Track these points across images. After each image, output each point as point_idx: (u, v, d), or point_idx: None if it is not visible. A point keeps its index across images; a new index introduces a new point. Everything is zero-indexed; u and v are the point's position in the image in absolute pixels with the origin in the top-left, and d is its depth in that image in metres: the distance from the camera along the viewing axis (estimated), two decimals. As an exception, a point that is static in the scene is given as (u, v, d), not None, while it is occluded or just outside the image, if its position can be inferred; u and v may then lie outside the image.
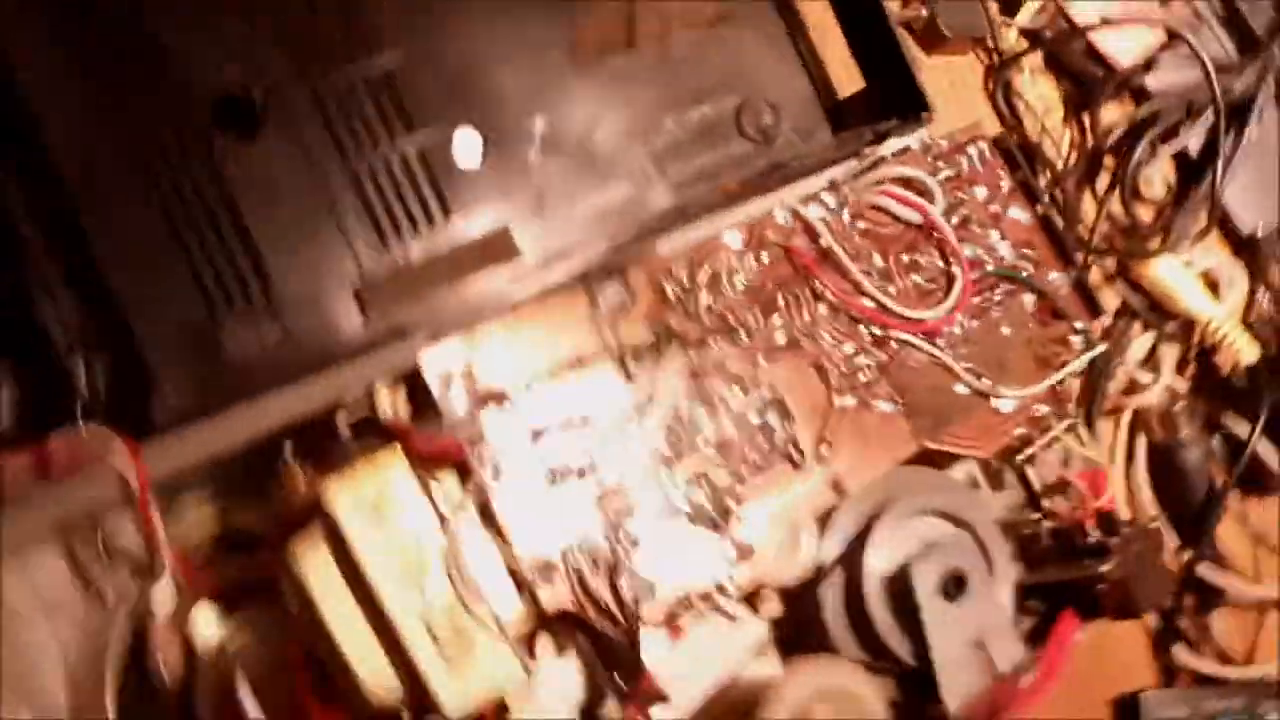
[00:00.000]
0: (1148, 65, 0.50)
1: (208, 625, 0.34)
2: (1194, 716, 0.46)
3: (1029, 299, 0.40)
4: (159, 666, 0.33)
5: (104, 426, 0.31)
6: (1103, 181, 0.52)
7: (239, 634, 0.33)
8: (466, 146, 0.37)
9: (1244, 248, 0.53)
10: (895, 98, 0.42)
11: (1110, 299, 0.50)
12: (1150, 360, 0.51)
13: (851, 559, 0.35)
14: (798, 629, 0.36)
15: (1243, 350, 0.50)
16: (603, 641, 0.31)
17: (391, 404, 0.30)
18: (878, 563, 0.35)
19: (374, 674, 0.29)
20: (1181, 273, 0.50)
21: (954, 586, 0.35)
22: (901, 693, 0.36)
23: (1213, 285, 0.52)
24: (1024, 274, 0.40)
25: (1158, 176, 0.52)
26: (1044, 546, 0.40)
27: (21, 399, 0.32)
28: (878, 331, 0.36)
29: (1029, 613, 0.41)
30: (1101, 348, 0.40)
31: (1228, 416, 0.51)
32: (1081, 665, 0.48)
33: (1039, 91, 0.51)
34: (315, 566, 0.29)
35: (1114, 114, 0.52)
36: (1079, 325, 0.40)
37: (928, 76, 0.41)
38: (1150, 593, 0.38)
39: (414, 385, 0.31)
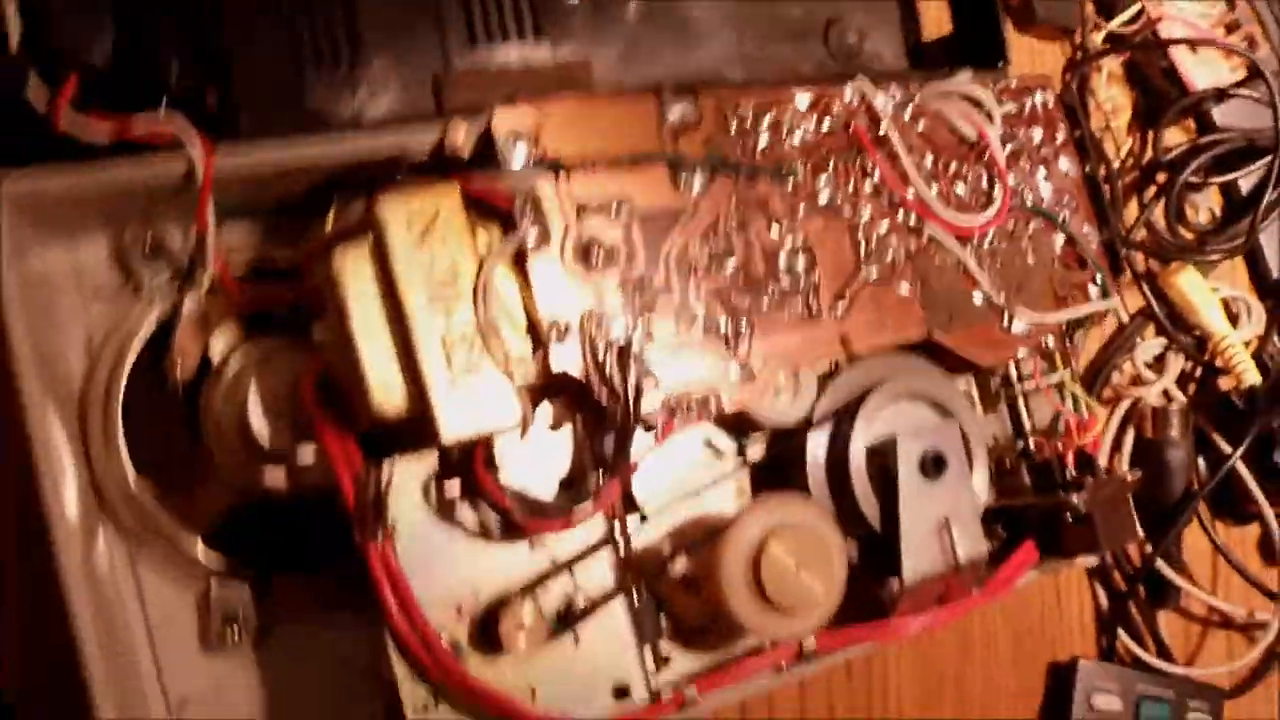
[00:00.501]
0: (1220, 95, 0.52)
1: (229, 340, 0.36)
2: (1125, 693, 0.48)
3: (1058, 240, 0.41)
4: (174, 366, 0.35)
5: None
6: (1150, 193, 0.54)
7: (256, 355, 0.35)
8: (572, -22, 0.39)
9: (1269, 292, 0.55)
10: (977, 49, 0.45)
11: (1133, 298, 0.52)
12: (1157, 364, 0.53)
13: (842, 418, 0.37)
14: (777, 475, 0.37)
15: (1247, 372, 0.52)
16: (598, 419, 0.33)
17: (461, 140, 0.31)
18: (866, 427, 0.37)
19: (384, 384, 0.30)
20: (1205, 289, 0.52)
21: (933, 466, 0.36)
22: (860, 557, 0.37)
23: (1233, 317, 0.54)
24: (1060, 217, 0.41)
25: (1204, 204, 0.54)
26: (1020, 478, 0.42)
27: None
28: (913, 221, 0.38)
29: (993, 537, 0.42)
30: (1114, 301, 0.42)
31: (1216, 435, 0.52)
32: (1030, 622, 0.50)
33: (1111, 94, 0.53)
34: (354, 272, 0.30)
35: (1177, 134, 0.54)
36: (1099, 277, 0.42)
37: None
38: (1113, 534, 0.40)
39: (481, 143, 0.32)
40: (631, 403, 0.32)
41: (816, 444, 0.37)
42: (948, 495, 0.37)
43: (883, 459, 0.37)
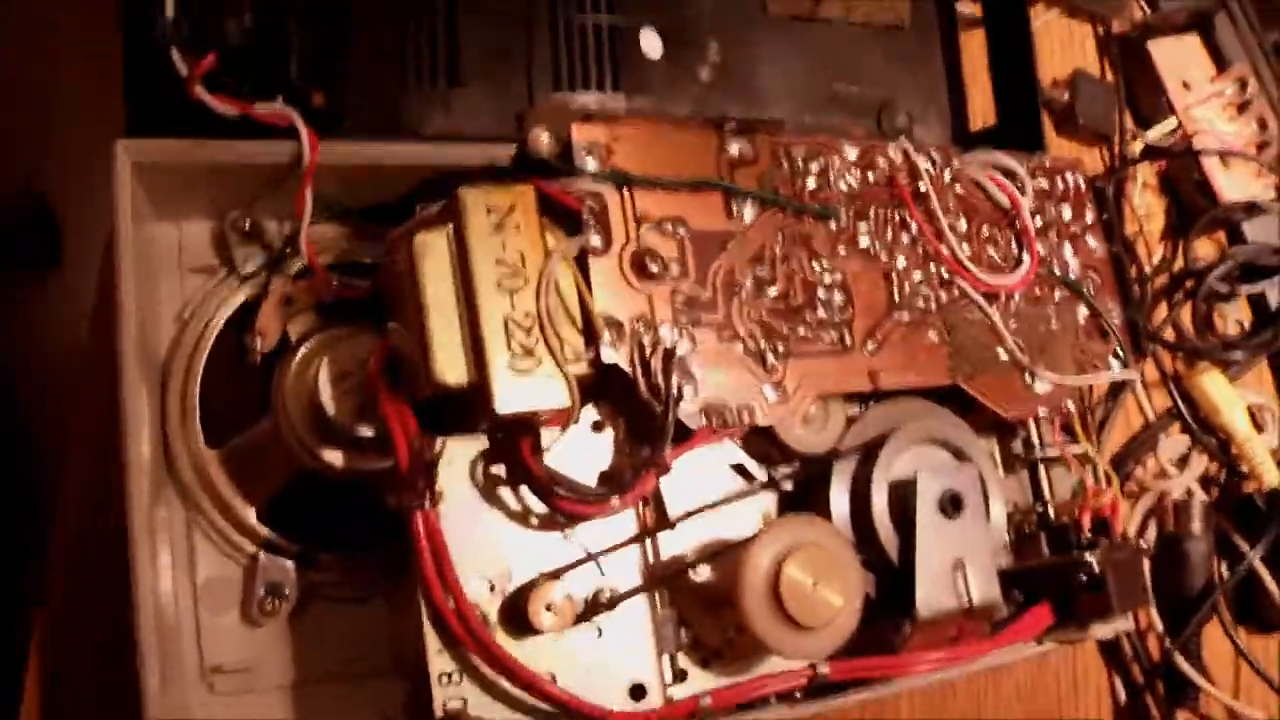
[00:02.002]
0: (1251, 208, 0.55)
1: (308, 323, 0.39)
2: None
3: (1082, 312, 0.44)
4: (255, 341, 0.38)
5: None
6: (1179, 298, 0.56)
7: (332, 338, 0.38)
8: (650, 42, 0.44)
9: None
10: (1018, 140, 0.48)
11: (1159, 397, 0.54)
12: (1181, 462, 0.54)
13: (867, 453, 0.39)
14: (802, 503, 0.39)
15: (1269, 474, 0.53)
16: (639, 426, 0.35)
17: (543, 145, 0.35)
18: (888, 463, 0.38)
19: (448, 356, 0.33)
20: (1229, 392, 0.54)
21: (952, 505, 0.38)
22: (877, 594, 0.39)
23: (1257, 425, 0.55)
24: (1085, 288, 0.44)
25: (1232, 315, 0.57)
26: (1039, 543, 0.43)
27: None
28: (945, 275, 0.41)
29: (1010, 600, 0.43)
30: (1133, 373, 0.44)
31: (1237, 536, 0.53)
32: (1047, 706, 0.50)
33: (1146, 200, 0.56)
34: (432, 250, 0.33)
35: (1207, 246, 0.57)
36: (1119, 350, 0.44)
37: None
38: (1126, 596, 0.41)
39: (559, 154, 0.36)
40: (672, 402, 0.34)
41: (841, 475, 0.39)
42: (964, 536, 0.38)
43: (903, 494, 0.38)
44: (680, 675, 0.37)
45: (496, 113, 0.41)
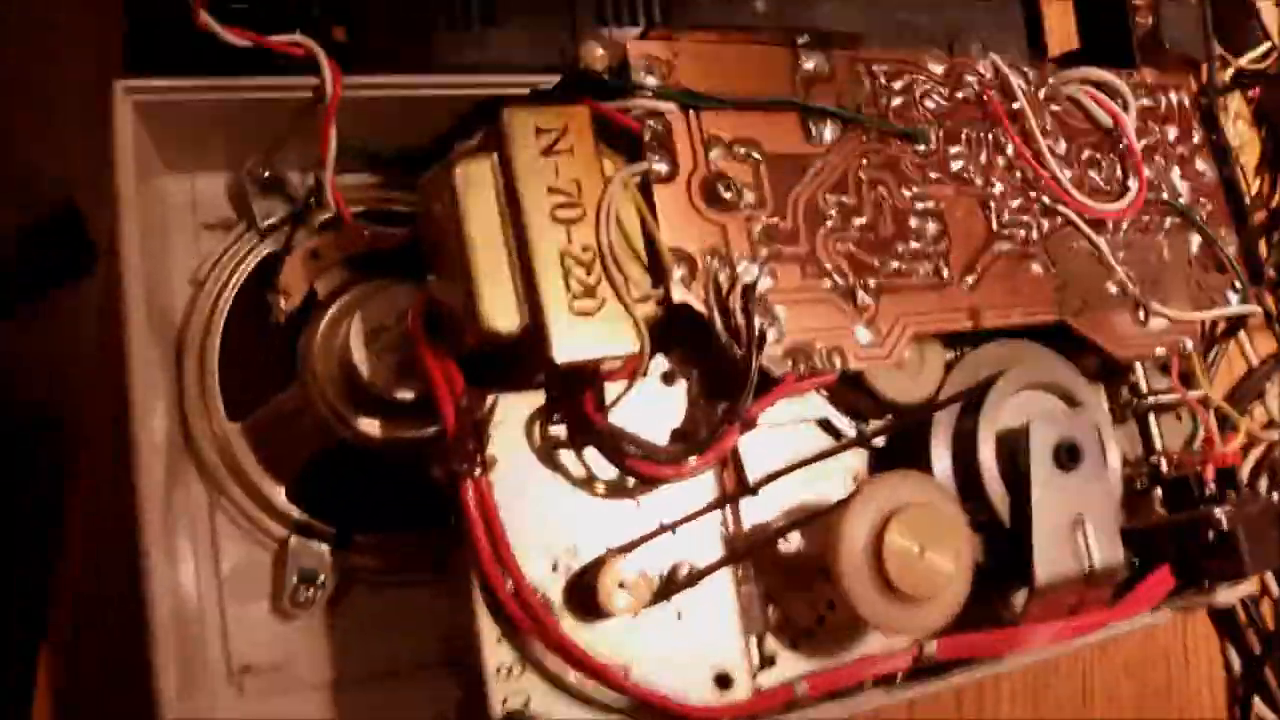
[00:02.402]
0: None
1: (338, 278, 0.35)
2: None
3: (1195, 241, 0.39)
4: (279, 300, 0.34)
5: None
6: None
7: (363, 294, 0.34)
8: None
9: None
10: (1108, 61, 0.43)
11: (1262, 341, 0.49)
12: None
13: (970, 401, 0.34)
14: (898, 461, 0.35)
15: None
16: (714, 377, 0.31)
17: (596, 58, 0.31)
18: (994, 411, 0.34)
19: (497, 298, 0.29)
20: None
21: (1068, 456, 0.34)
22: (985, 562, 0.34)
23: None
24: (1197, 215, 0.39)
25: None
26: (1152, 500, 0.39)
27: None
28: (1047, 201, 0.36)
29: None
30: (1254, 307, 0.39)
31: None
32: (1156, 682, 0.45)
33: (1238, 130, 0.51)
34: (476, 181, 0.29)
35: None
36: (1237, 283, 0.39)
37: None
38: (1260, 555, 0.36)
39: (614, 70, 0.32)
40: (754, 345, 0.30)
41: (941, 427, 0.35)
42: (1083, 490, 0.34)
43: (1013, 448, 0.34)
44: (769, 660, 0.33)
45: (535, 53, 0.37)
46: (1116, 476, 0.36)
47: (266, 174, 0.35)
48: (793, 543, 0.33)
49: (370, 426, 0.33)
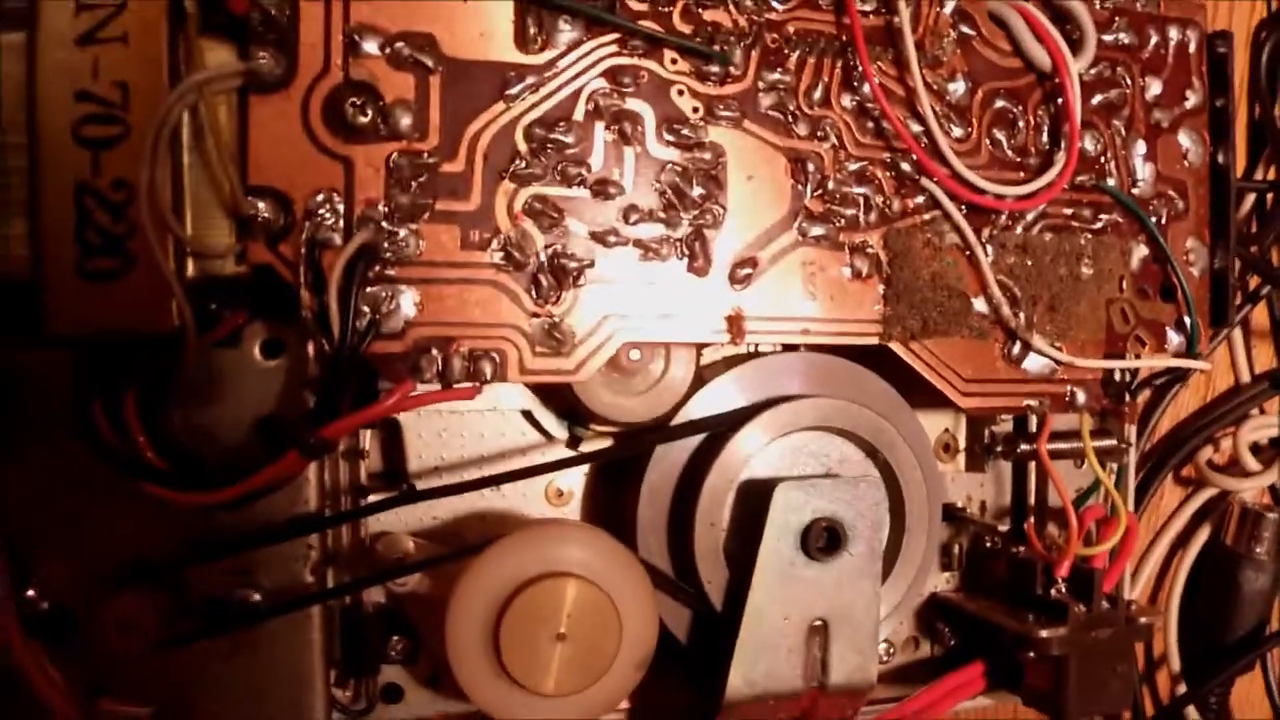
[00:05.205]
0: None
1: None
2: None
3: (1138, 251, 0.28)
4: None
5: None
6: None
7: None
8: None
9: None
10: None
11: (1262, 352, 0.37)
12: (1269, 450, 0.38)
13: (714, 439, 0.25)
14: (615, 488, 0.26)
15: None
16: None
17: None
18: (749, 453, 0.25)
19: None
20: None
21: (825, 541, 0.24)
22: (691, 640, 0.26)
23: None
24: (1153, 218, 0.27)
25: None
26: (998, 568, 0.29)
27: None
28: (907, 168, 0.25)
29: (938, 639, 0.30)
30: (1202, 364, 0.28)
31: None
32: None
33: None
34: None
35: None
36: (1187, 321, 0.28)
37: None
38: (1089, 699, 0.27)
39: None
40: (353, 336, 0.21)
41: (665, 460, 0.25)
42: (834, 586, 0.25)
43: (753, 508, 0.25)
44: (393, 693, 0.26)
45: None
46: (917, 557, 0.27)
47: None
48: (414, 584, 0.25)
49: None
